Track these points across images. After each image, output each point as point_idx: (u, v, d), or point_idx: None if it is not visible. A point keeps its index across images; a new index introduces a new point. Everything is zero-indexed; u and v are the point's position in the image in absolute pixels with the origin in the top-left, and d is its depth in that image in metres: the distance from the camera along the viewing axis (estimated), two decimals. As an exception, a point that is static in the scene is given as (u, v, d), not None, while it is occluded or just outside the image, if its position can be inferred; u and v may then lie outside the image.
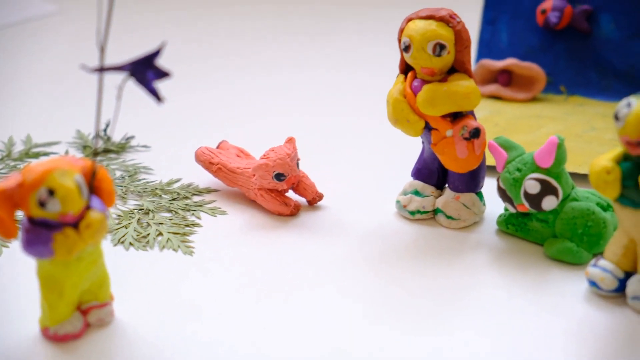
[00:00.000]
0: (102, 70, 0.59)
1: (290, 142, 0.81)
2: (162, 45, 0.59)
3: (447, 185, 0.80)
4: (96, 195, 0.62)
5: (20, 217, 0.63)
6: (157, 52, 0.58)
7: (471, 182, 0.78)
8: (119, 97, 0.60)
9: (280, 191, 0.81)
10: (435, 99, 0.74)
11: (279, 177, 0.79)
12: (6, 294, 0.70)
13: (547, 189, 0.72)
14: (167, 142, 0.98)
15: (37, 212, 0.59)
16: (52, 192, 0.58)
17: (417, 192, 0.80)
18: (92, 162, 0.61)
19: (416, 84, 0.75)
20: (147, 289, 0.70)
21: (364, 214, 0.82)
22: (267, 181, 0.80)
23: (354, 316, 0.67)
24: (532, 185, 0.72)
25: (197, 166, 0.88)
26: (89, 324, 0.65)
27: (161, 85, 0.60)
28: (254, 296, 0.69)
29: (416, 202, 0.80)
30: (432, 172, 0.80)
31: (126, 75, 0.59)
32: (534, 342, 0.64)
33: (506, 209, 0.77)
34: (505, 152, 0.74)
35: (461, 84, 0.74)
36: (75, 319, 0.64)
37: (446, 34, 0.73)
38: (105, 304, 0.65)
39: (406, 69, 0.77)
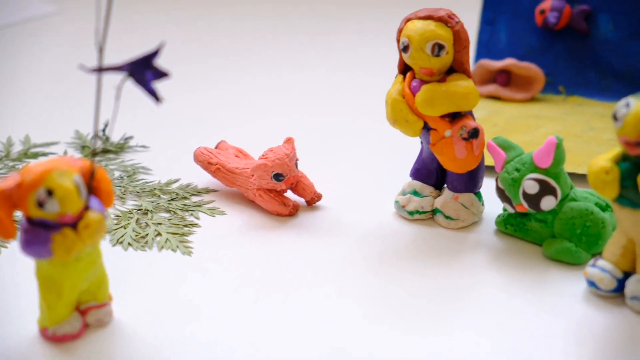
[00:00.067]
0: (100, 70, 0.59)
1: (288, 142, 0.81)
2: (160, 45, 0.59)
3: (445, 185, 0.80)
4: (95, 195, 0.62)
5: (19, 217, 0.63)
6: (155, 53, 0.58)
7: (470, 182, 0.78)
8: (118, 97, 0.60)
9: (279, 191, 0.81)
10: (433, 99, 0.74)
11: (278, 177, 0.79)
12: (5, 294, 0.70)
13: (545, 189, 0.72)
14: (166, 143, 0.98)
15: (36, 213, 0.59)
16: (50, 193, 0.58)
17: (415, 193, 0.80)
18: (91, 163, 0.61)
19: (415, 84, 0.75)
20: (146, 289, 0.70)
21: (362, 214, 0.82)
22: (265, 181, 0.80)
23: (353, 316, 0.67)
24: (530, 185, 0.72)
25: (196, 166, 0.87)
26: (87, 325, 0.65)
27: (160, 85, 0.60)
28: (252, 296, 0.69)
29: (415, 203, 0.80)
30: (430, 172, 0.80)
31: (125, 75, 0.59)
32: (533, 342, 0.64)
33: (505, 209, 0.77)
34: (503, 152, 0.74)
35: (460, 84, 0.74)
36: (73, 320, 0.64)
37: (445, 34, 0.73)
38: (103, 304, 0.65)
39: (405, 69, 0.77)
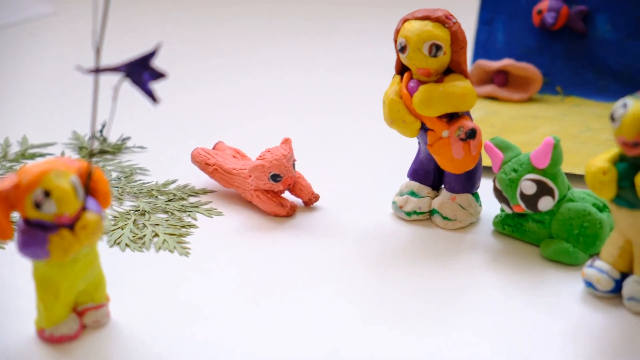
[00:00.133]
0: (97, 71, 0.59)
1: (286, 143, 0.81)
2: (157, 46, 0.59)
3: (443, 186, 0.80)
4: (92, 196, 0.62)
5: (16, 218, 0.63)
6: (152, 53, 0.58)
7: (467, 183, 0.78)
8: (115, 98, 0.60)
9: (276, 192, 0.81)
10: (431, 100, 0.74)
11: (275, 178, 0.79)
12: (2, 295, 0.70)
13: (543, 189, 0.72)
14: (163, 143, 0.98)
15: (33, 214, 0.59)
16: (47, 194, 0.58)
17: (413, 193, 0.80)
18: (88, 163, 0.61)
19: (412, 84, 0.75)
20: (143, 290, 0.70)
21: (360, 214, 0.82)
22: (263, 182, 0.80)
23: (350, 317, 0.67)
24: (528, 185, 0.72)
25: (193, 167, 0.87)
26: (85, 326, 0.65)
27: (157, 86, 0.60)
28: (250, 297, 0.69)
29: (412, 203, 0.80)
30: (428, 173, 0.80)
31: (122, 76, 0.59)
32: (531, 342, 0.64)
33: (502, 210, 0.77)
34: (501, 153, 0.74)
35: (457, 85, 0.74)
36: (71, 321, 0.64)
37: (442, 35, 0.73)
38: (101, 306, 0.65)
39: (402, 69, 0.77)
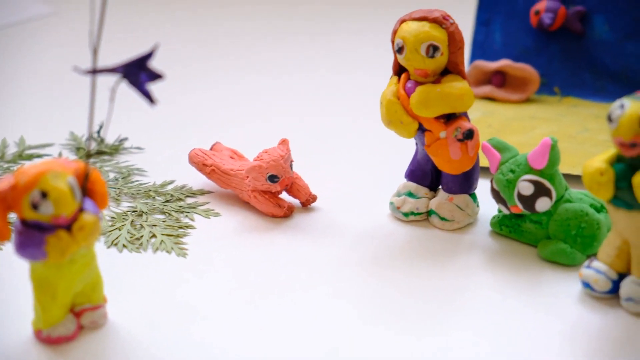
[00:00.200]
0: (95, 72, 0.59)
1: (283, 143, 0.81)
2: (154, 47, 0.59)
3: (440, 186, 0.80)
4: (89, 197, 0.62)
5: (13, 219, 0.62)
6: (149, 54, 0.58)
7: (465, 184, 0.78)
8: (112, 99, 0.60)
9: (273, 193, 0.81)
10: (428, 101, 0.74)
11: (273, 178, 0.79)
12: (-1, 296, 0.70)
13: (540, 190, 0.72)
14: (161, 144, 0.98)
15: (30, 215, 0.59)
16: (45, 195, 0.58)
17: (410, 194, 0.80)
18: (85, 164, 0.61)
19: (409, 85, 0.75)
20: (141, 291, 0.70)
21: (357, 215, 0.82)
22: (260, 183, 0.80)
23: (348, 317, 0.67)
24: (525, 186, 0.72)
25: (191, 168, 0.87)
26: (82, 327, 0.65)
27: (154, 87, 0.59)
28: (247, 298, 0.69)
29: (410, 204, 0.80)
30: (425, 174, 0.80)
31: (119, 77, 0.59)
32: (528, 343, 0.64)
33: (500, 211, 0.77)
34: (498, 154, 0.74)
35: (454, 86, 0.74)
36: (68, 322, 0.64)
37: (439, 36, 0.73)
38: (98, 306, 0.65)
39: (400, 70, 0.77)
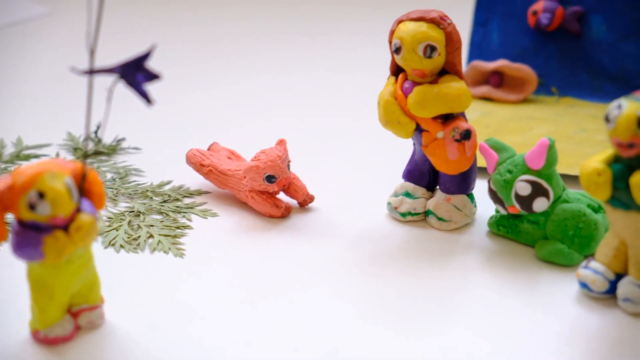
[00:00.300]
0: (91, 72, 0.59)
1: (281, 144, 0.81)
2: (152, 47, 0.58)
3: (438, 187, 0.80)
4: (86, 197, 0.62)
5: (10, 220, 0.62)
6: (147, 55, 0.58)
7: (462, 184, 0.78)
8: (109, 100, 0.60)
9: (271, 193, 0.81)
10: (426, 101, 0.74)
11: (270, 179, 0.79)
12: (-4, 296, 0.70)
13: (538, 190, 0.72)
14: (158, 144, 0.98)
15: (27, 215, 0.59)
16: (42, 195, 0.58)
17: (408, 194, 0.80)
18: (83, 165, 0.61)
19: (407, 85, 0.75)
20: (138, 291, 0.70)
21: (355, 215, 0.82)
22: (258, 183, 0.80)
23: (346, 317, 0.67)
24: (523, 187, 0.72)
25: (188, 168, 0.87)
26: (79, 327, 0.65)
27: (151, 87, 0.59)
28: (245, 298, 0.69)
29: (407, 204, 0.80)
30: (423, 174, 0.80)
31: (116, 77, 0.59)
32: (526, 343, 0.64)
33: (497, 211, 0.77)
34: (496, 154, 0.74)
35: (452, 86, 0.74)
36: (65, 322, 0.64)
37: (437, 36, 0.73)
38: (95, 307, 0.65)
39: (397, 70, 0.77)
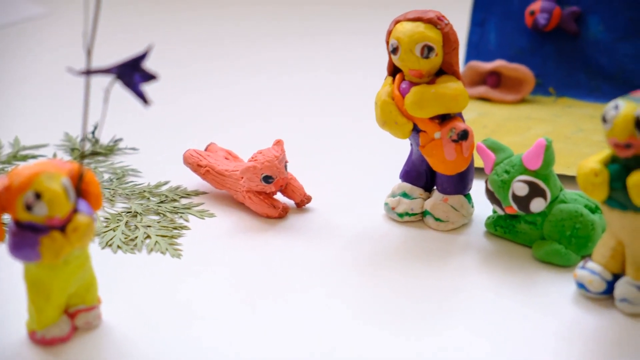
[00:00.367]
0: (88, 73, 0.59)
1: (278, 144, 0.81)
2: (149, 47, 0.58)
3: (435, 187, 0.80)
4: (83, 198, 0.62)
5: (7, 220, 0.62)
6: (144, 55, 0.58)
7: (459, 184, 0.78)
8: (106, 100, 0.59)
9: (268, 193, 0.81)
10: (423, 101, 0.74)
11: (267, 179, 0.79)
12: (-7, 297, 0.70)
13: (535, 191, 0.72)
14: (155, 145, 0.98)
15: (24, 216, 0.59)
16: (38, 196, 0.58)
17: (405, 195, 0.80)
18: (80, 165, 0.61)
19: (404, 86, 0.75)
20: (135, 292, 0.70)
21: (352, 216, 0.82)
22: (255, 183, 0.80)
23: (343, 318, 0.67)
24: (520, 187, 0.72)
25: (186, 169, 0.87)
26: (76, 328, 0.65)
27: (148, 87, 0.59)
28: (243, 298, 0.69)
29: (404, 205, 0.80)
30: (420, 174, 0.80)
31: (113, 77, 0.59)
32: (523, 343, 0.64)
33: (494, 211, 0.77)
34: (493, 154, 0.74)
35: (449, 86, 0.74)
36: (62, 323, 0.63)
37: (434, 36, 0.73)
38: (92, 307, 0.65)
39: (394, 71, 0.77)
